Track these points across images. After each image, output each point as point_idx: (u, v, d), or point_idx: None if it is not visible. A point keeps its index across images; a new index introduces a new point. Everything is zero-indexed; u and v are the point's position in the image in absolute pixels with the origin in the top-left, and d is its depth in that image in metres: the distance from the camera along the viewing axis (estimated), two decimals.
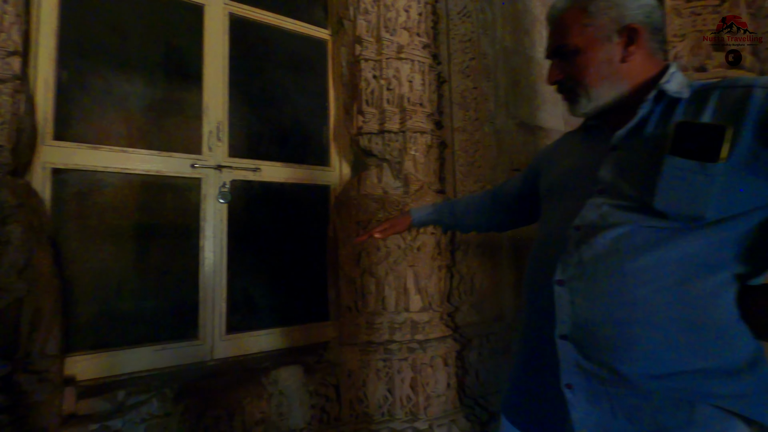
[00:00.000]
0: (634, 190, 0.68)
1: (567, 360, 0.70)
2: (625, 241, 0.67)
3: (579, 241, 0.71)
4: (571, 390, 0.69)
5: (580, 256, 0.70)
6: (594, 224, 0.70)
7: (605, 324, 0.67)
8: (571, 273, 0.71)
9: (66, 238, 1.64)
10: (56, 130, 1.65)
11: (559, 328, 0.71)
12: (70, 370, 1.56)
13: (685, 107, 0.69)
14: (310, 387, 1.81)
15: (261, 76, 2.17)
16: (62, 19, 1.68)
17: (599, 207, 0.71)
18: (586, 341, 0.68)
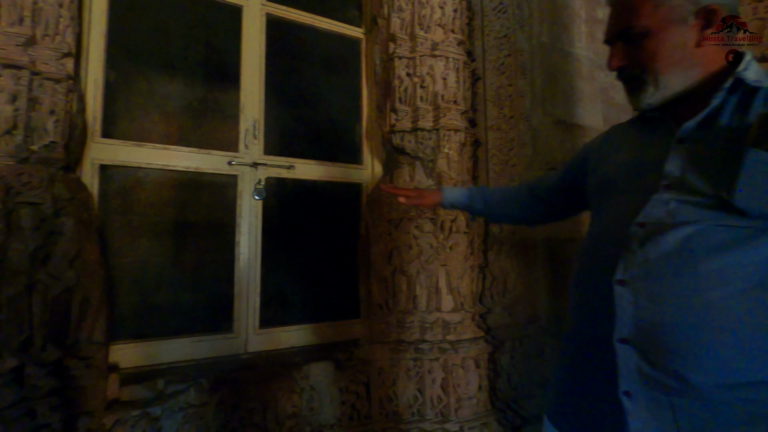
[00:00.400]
0: (707, 185, 0.63)
1: (627, 365, 0.65)
2: (698, 239, 0.62)
3: (644, 238, 0.66)
4: (630, 398, 0.64)
5: (646, 254, 0.65)
6: (661, 221, 0.65)
7: (674, 328, 0.62)
8: (635, 272, 0.65)
9: (111, 232, 1.71)
10: (104, 128, 1.73)
11: (618, 330, 0.66)
12: (114, 357, 1.63)
13: (764, 98, 0.64)
14: (340, 383, 1.82)
15: (295, 75, 2.20)
16: (110, 21, 1.76)
17: (666, 203, 0.66)
18: (651, 346, 0.63)
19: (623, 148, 0.81)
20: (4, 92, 1.28)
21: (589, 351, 0.73)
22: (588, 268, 0.76)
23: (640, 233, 0.67)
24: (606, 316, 0.68)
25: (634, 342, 0.64)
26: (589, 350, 0.73)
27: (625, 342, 0.65)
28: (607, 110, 2.65)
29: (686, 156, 0.67)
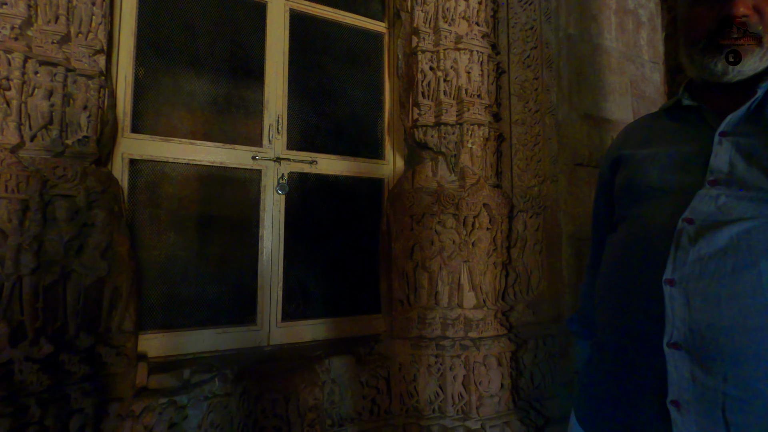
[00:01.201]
0: (763, 180, 0.60)
1: (677, 372, 0.60)
2: (757, 235, 0.58)
3: (696, 235, 0.61)
4: (678, 408, 0.59)
5: (699, 251, 0.60)
6: (712, 217, 0.61)
7: (734, 331, 0.57)
8: (687, 272, 0.61)
9: (139, 225, 1.76)
10: (133, 123, 1.77)
11: (669, 334, 0.61)
12: (142, 347, 1.68)
13: None
14: (361, 378, 1.82)
15: (318, 70, 2.20)
16: (140, 19, 1.80)
17: (716, 199, 0.62)
18: (707, 351, 0.58)
19: (655, 142, 0.76)
20: (41, 88, 1.32)
21: (631, 356, 0.68)
22: (628, 268, 0.71)
23: (690, 229, 0.62)
24: (653, 318, 0.63)
25: (686, 346, 0.60)
26: (631, 355, 0.68)
27: (676, 347, 0.60)
28: (637, 104, 2.56)
29: (733, 149, 0.63)
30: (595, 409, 0.75)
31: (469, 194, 1.93)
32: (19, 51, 1.27)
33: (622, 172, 0.80)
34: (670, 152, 0.71)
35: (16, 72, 1.27)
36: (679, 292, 0.61)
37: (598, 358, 0.77)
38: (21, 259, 1.24)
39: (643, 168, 0.74)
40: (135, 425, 1.43)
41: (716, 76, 0.68)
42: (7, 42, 1.26)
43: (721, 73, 0.67)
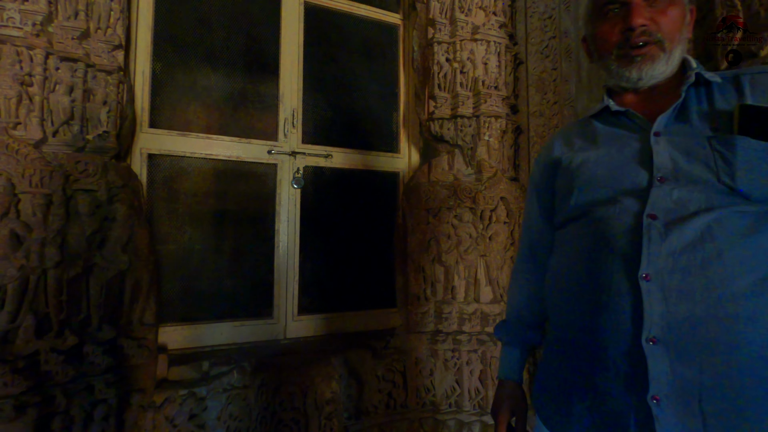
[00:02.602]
0: (706, 173, 0.63)
1: (657, 367, 0.60)
2: (718, 227, 0.61)
3: (665, 230, 0.63)
4: (658, 403, 0.60)
5: (670, 247, 0.62)
6: (673, 212, 0.63)
7: (708, 322, 0.59)
8: (661, 266, 0.61)
9: (157, 219, 1.77)
10: (151, 118, 1.79)
11: (647, 329, 0.61)
12: (162, 339, 1.70)
13: (720, 91, 0.68)
14: (377, 372, 1.83)
15: (333, 64, 2.19)
16: (157, 14, 1.81)
17: (670, 194, 0.64)
18: (684, 343, 0.59)
19: (594, 145, 0.78)
20: (62, 84, 1.34)
21: (608, 353, 0.66)
22: (598, 267, 0.69)
23: (657, 224, 0.64)
24: (629, 314, 0.63)
25: (664, 341, 0.60)
26: (608, 352, 0.66)
27: (654, 341, 0.61)
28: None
29: (670, 148, 0.67)
30: (563, 409, 0.73)
31: (486, 188, 1.91)
32: (41, 47, 1.29)
33: (564, 176, 0.81)
34: (613, 154, 0.73)
35: (38, 68, 1.29)
36: (655, 286, 0.62)
37: (564, 357, 0.75)
38: (45, 252, 1.26)
39: (590, 170, 0.75)
40: (156, 416, 1.45)
41: (632, 82, 0.74)
42: (29, 38, 1.27)
43: (636, 79, 0.73)
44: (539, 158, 0.92)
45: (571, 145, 0.83)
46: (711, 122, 0.66)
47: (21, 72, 1.26)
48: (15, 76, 1.25)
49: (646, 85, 0.74)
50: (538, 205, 0.91)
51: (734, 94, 0.67)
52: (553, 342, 0.79)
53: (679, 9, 0.70)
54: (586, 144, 0.79)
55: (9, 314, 1.21)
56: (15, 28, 1.26)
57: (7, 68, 1.24)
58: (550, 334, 0.81)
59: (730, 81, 0.68)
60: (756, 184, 0.61)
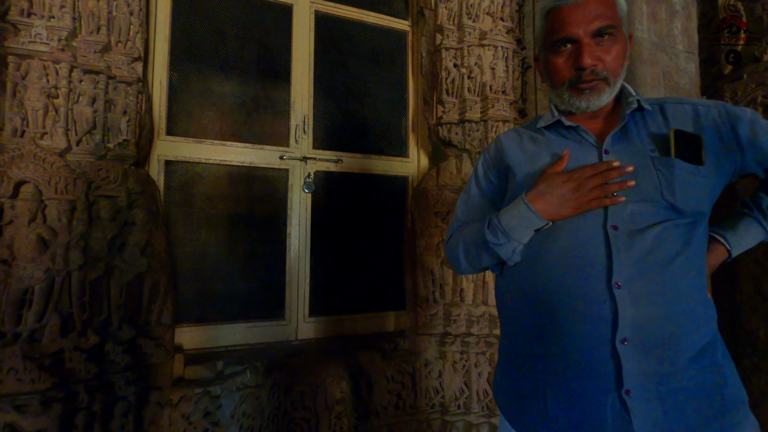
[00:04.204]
0: (651, 191, 0.72)
1: (628, 364, 0.68)
2: (665, 237, 0.70)
3: (628, 240, 0.71)
4: (630, 396, 0.67)
5: (635, 255, 0.70)
6: (630, 224, 0.71)
7: (667, 319, 0.68)
8: (629, 273, 0.69)
9: (174, 223, 1.84)
10: (168, 126, 1.86)
11: (621, 331, 0.68)
12: (178, 339, 1.76)
13: (651, 117, 0.78)
14: (387, 373, 1.86)
15: (343, 70, 2.24)
16: (173, 26, 1.88)
17: (623, 208, 0.72)
18: (649, 340, 0.68)
19: (548, 155, 0.83)
20: (85, 95, 1.41)
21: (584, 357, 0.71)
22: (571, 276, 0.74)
23: (620, 235, 0.71)
24: (605, 319, 0.69)
25: (634, 341, 0.68)
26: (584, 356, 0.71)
27: (625, 342, 0.68)
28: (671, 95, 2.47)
29: None
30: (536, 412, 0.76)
31: None
32: (66, 61, 1.36)
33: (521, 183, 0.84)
34: (570, 164, 0.79)
35: (63, 81, 1.36)
36: (626, 293, 0.69)
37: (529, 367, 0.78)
38: (70, 255, 1.33)
39: None
40: (173, 413, 1.50)
41: (581, 110, 0.82)
42: (55, 53, 1.35)
43: (585, 108, 0.81)
44: (485, 158, 0.94)
45: (524, 151, 0.87)
46: (650, 143, 0.75)
47: (47, 85, 1.33)
48: (42, 89, 1.32)
49: (592, 111, 0.81)
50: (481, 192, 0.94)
51: (662, 120, 0.77)
52: (513, 353, 0.83)
53: (621, 45, 0.77)
54: (540, 152, 0.85)
55: (36, 314, 1.28)
56: (42, 43, 1.33)
57: (34, 82, 1.31)
58: (508, 345, 0.85)
59: (658, 109, 0.79)
60: (689, 201, 0.71)
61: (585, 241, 0.73)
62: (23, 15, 1.32)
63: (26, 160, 1.27)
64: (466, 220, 0.95)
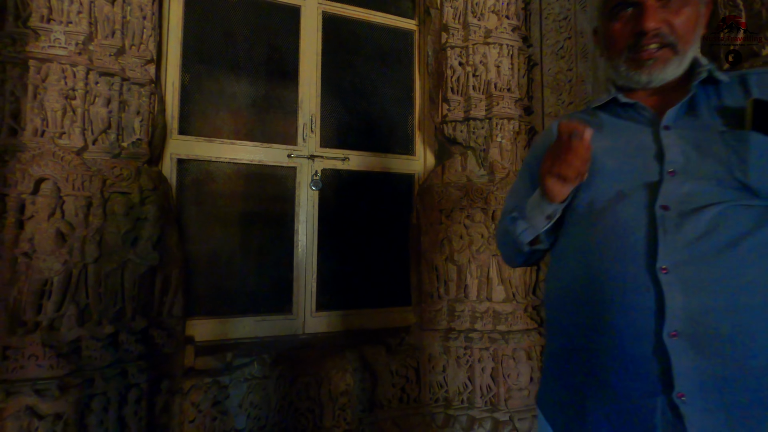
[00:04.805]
0: (717, 168, 0.63)
1: (681, 363, 0.58)
2: (727, 218, 0.61)
3: (679, 220, 0.62)
4: (685, 402, 0.58)
5: (686, 237, 0.61)
6: (684, 204, 0.63)
7: (727, 312, 0.58)
8: (678, 257, 0.60)
9: (186, 219, 1.90)
10: (180, 125, 1.92)
11: (669, 324, 0.59)
12: (190, 331, 1.83)
13: (728, 90, 0.68)
14: (391, 367, 1.89)
15: (350, 70, 2.27)
16: (185, 29, 1.95)
17: (680, 186, 0.64)
18: (705, 336, 0.58)
19: (600, 137, 0.74)
20: (100, 97, 1.48)
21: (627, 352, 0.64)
22: (611, 263, 0.67)
23: (672, 216, 0.63)
24: (648, 310, 0.61)
25: (686, 334, 0.59)
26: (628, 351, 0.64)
27: (675, 335, 0.59)
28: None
29: (681, 143, 0.67)
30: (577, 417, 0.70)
31: (498, 188, 1.94)
32: (83, 64, 1.43)
33: None
34: (621, 145, 0.72)
35: (80, 83, 1.43)
36: (674, 278, 0.60)
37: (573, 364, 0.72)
38: (86, 249, 1.40)
39: (598, 162, 0.72)
40: (183, 401, 1.57)
41: (641, 85, 0.73)
42: (73, 56, 1.42)
43: (646, 83, 0.72)
44: (537, 144, 0.90)
45: None
46: (721, 118, 0.65)
47: (65, 87, 1.41)
48: (60, 91, 1.39)
49: (655, 86, 0.73)
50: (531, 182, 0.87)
51: (741, 93, 0.66)
52: (558, 350, 0.77)
53: (693, 8, 0.68)
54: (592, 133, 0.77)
55: (55, 304, 1.35)
56: (60, 48, 1.40)
57: (53, 84, 1.39)
58: (553, 342, 0.79)
59: (737, 81, 0.68)
60: (766, 179, 0.61)
61: (627, 223, 0.66)
62: (43, 21, 1.39)
63: (46, 158, 1.34)
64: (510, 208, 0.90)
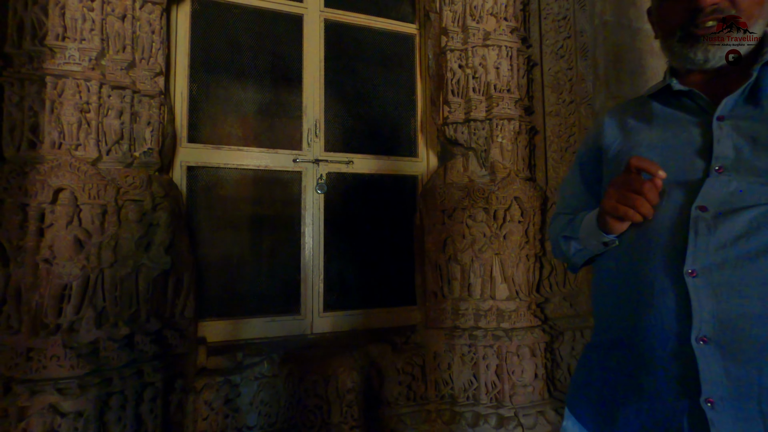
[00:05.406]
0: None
1: (710, 368, 0.57)
2: (766, 221, 0.57)
3: (714, 222, 0.59)
4: (713, 406, 0.56)
5: (719, 240, 0.58)
6: (727, 204, 0.59)
7: (764, 319, 0.55)
8: (710, 261, 0.58)
9: (196, 224, 1.97)
10: (189, 133, 2.00)
11: (697, 328, 0.58)
12: (202, 332, 1.90)
13: None
14: (397, 365, 1.93)
15: (353, 75, 2.32)
16: (192, 40, 2.02)
17: (727, 185, 0.60)
18: (739, 342, 0.56)
19: (647, 129, 0.72)
20: (113, 109, 1.55)
21: (654, 354, 0.63)
22: (641, 264, 0.66)
23: (706, 217, 0.59)
24: (674, 313, 0.60)
25: (716, 340, 0.57)
26: (654, 353, 0.63)
27: (705, 341, 0.57)
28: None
29: (735, 134, 0.61)
30: (607, 412, 0.70)
31: (500, 188, 1.97)
32: (96, 79, 1.50)
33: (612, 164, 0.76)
34: (668, 139, 0.68)
35: (94, 97, 1.50)
36: (703, 282, 0.58)
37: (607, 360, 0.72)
38: (102, 254, 1.47)
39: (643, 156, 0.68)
40: (197, 399, 1.63)
41: (697, 65, 0.67)
42: (87, 72, 1.49)
43: (702, 62, 0.66)
44: (587, 137, 0.88)
45: (623, 128, 0.76)
46: None
47: (80, 101, 1.48)
48: (76, 105, 1.47)
49: (714, 67, 0.66)
50: (581, 177, 0.86)
51: None
52: (596, 345, 0.76)
53: None
54: (640, 125, 0.74)
55: (74, 307, 1.42)
56: (75, 64, 1.48)
57: (69, 99, 1.46)
58: (594, 337, 0.79)
59: None
60: None
61: (661, 224, 0.63)
62: (58, 39, 1.47)
63: (63, 169, 1.41)
64: (563, 204, 0.90)
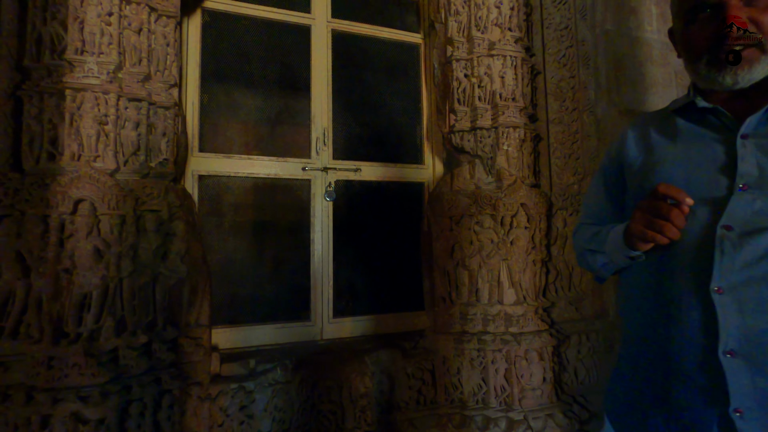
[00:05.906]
0: None
1: (737, 380, 0.59)
2: None
3: (739, 241, 0.61)
4: (742, 416, 0.58)
5: (745, 258, 0.60)
6: (751, 223, 0.61)
7: None
8: (735, 279, 0.60)
9: (208, 232, 2.00)
10: (200, 143, 2.03)
11: (724, 342, 0.60)
12: (214, 339, 1.91)
13: None
14: (407, 370, 1.96)
15: (360, 84, 2.37)
16: (203, 52, 2.05)
17: (751, 204, 0.61)
18: (764, 356, 0.59)
19: (671, 144, 0.73)
20: (130, 121, 1.58)
21: (683, 366, 0.65)
22: (670, 279, 0.68)
23: (731, 236, 0.62)
24: (702, 328, 0.63)
25: (743, 353, 0.60)
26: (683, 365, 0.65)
27: (732, 354, 0.60)
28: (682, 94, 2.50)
29: (758, 152, 0.63)
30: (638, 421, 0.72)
31: (506, 195, 2.01)
32: (114, 92, 1.53)
33: (636, 177, 0.77)
34: (692, 155, 0.69)
35: (112, 109, 1.53)
36: (729, 299, 0.61)
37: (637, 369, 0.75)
38: (121, 264, 1.50)
39: (665, 172, 0.71)
40: (212, 406, 1.65)
41: (725, 87, 0.68)
42: (105, 85, 1.52)
43: (731, 85, 0.66)
44: (610, 149, 0.88)
45: (646, 141, 0.78)
46: None
47: (99, 114, 1.51)
48: (95, 117, 1.50)
49: (741, 88, 0.67)
50: (605, 187, 0.88)
51: None
52: (627, 354, 0.79)
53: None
54: (663, 140, 0.75)
55: (94, 316, 1.45)
56: (93, 77, 1.51)
57: (88, 111, 1.49)
58: (623, 349, 0.81)
59: None
60: None
61: (686, 241, 0.65)
62: (77, 53, 1.50)
63: (83, 180, 1.44)
64: (586, 214, 0.92)
